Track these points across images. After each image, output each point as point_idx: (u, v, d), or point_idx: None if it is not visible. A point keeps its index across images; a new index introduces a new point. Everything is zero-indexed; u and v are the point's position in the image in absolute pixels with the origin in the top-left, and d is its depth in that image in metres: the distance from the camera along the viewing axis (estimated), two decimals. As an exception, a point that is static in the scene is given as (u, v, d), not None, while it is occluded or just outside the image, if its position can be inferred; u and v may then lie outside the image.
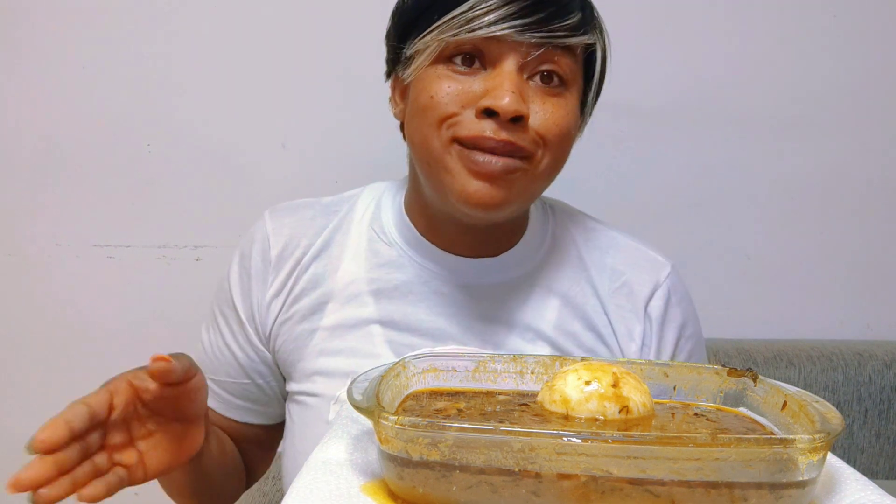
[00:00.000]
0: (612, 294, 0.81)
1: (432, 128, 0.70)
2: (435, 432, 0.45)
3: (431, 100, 0.70)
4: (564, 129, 0.71)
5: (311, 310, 0.80)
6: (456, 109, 0.69)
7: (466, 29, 0.68)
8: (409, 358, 0.60)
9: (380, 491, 0.48)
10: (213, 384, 0.85)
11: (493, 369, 0.62)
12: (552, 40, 0.68)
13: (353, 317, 0.79)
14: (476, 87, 0.69)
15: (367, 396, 0.50)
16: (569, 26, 0.69)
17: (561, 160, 0.74)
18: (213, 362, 0.85)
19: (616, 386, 0.53)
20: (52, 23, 1.20)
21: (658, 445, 0.44)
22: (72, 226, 1.25)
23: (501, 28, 0.67)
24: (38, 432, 0.55)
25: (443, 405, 0.57)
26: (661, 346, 0.82)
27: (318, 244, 0.82)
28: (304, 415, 0.80)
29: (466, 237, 0.79)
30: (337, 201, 0.86)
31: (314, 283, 0.81)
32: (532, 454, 0.44)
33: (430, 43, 0.70)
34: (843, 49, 1.22)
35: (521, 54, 0.69)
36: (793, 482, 0.44)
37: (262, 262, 0.82)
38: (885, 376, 1.17)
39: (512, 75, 0.68)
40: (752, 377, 0.58)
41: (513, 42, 0.68)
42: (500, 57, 0.69)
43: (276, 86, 1.21)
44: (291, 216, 0.84)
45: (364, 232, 0.82)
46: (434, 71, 0.70)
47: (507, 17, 0.67)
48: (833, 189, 1.26)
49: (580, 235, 0.85)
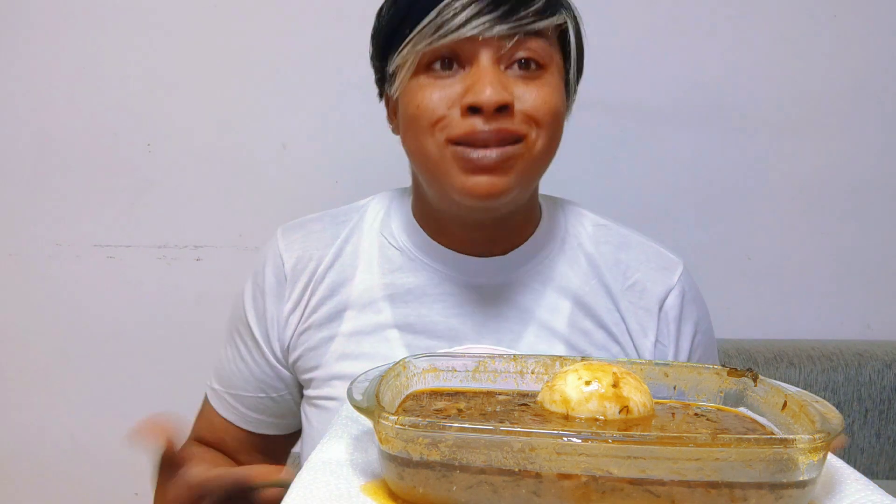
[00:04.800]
0: (624, 292, 0.82)
1: (425, 134, 0.72)
2: (435, 432, 0.45)
3: (418, 109, 0.72)
4: (552, 106, 0.73)
5: (330, 317, 0.81)
6: (443, 112, 0.71)
7: (438, 36, 0.70)
8: (409, 358, 0.60)
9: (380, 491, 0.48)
10: (230, 398, 0.88)
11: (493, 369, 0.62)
12: (521, 28, 0.70)
13: (370, 323, 0.80)
14: (457, 87, 0.71)
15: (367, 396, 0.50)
16: (536, 10, 0.71)
17: (555, 138, 0.75)
18: (231, 377, 0.88)
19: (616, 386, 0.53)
20: (52, 23, 1.20)
21: (658, 445, 0.44)
22: (72, 226, 1.25)
23: (471, 28, 0.69)
24: None
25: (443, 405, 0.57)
26: (679, 344, 0.82)
27: (331, 254, 0.83)
28: (323, 418, 0.81)
29: (475, 236, 0.80)
30: (346, 211, 0.87)
31: (331, 292, 0.82)
32: (532, 454, 0.44)
33: (407, 56, 0.72)
34: (843, 49, 1.22)
35: (495, 48, 0.71)
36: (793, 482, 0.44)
37: (276, 279, 0.84)
38: (885, 376, 1.17)
39: (489, 69, 0.70)
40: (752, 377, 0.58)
41: (484, 39, 0.70)
42: (474, 55, 0.71)
43: (277, 86, 1.21)
44: (300, 231, 0.85)
45: (375, 239, 0.83)
46: (416, 82, 0.73)
47: (475, 15, 0.69)
48: (833, 189, 1.26)
49: (591, 233, 0.85)
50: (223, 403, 0.89)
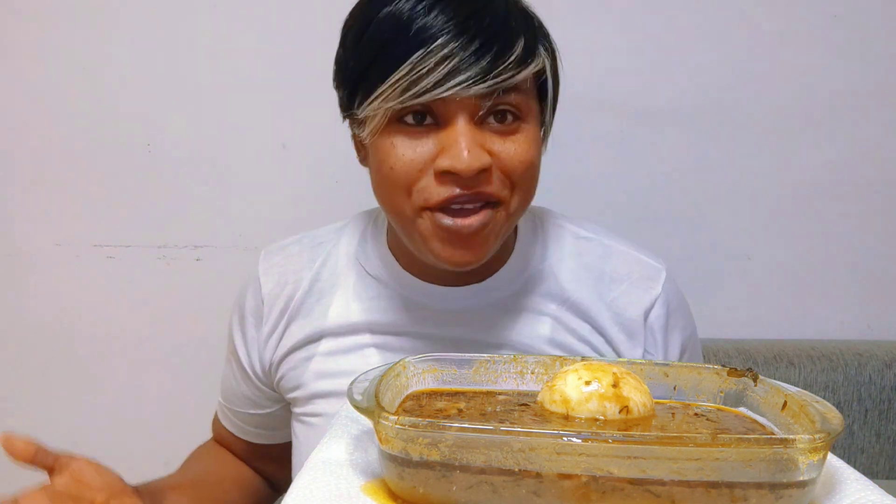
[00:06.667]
0: (608, 305, 0.81)
1: (400, 196, 0.69)
2: (435, 432, 0.45)
3: (392, 171, 0.68)
4: (529, 162, 0.70)
5: (308, 339, 0.82)
6: (416, 176, 0.68)
7: (411, 95, 0.64)
8: (409, 358, 0.60)
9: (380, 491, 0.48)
10: (229, 412, 0.93)
11: (493, 369, 0.62)
12: (500, 85, 0.65)
13: (347, 344, 0.81)
14: (430, 146, 0.67)
15: (367, 396, 0.50)
16: (515, 61, 0.65)
17: (532, 191, 0.73)
18: (228, 393, 0.93)
19: (616, 386, 0.53)
20: (52, 23, 1.20)
21: (658, 445, 0.44)
22: (72, 226, 1.25)
23: (446, 89, 0.64)
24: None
25: (443, 405, 0.57)
26: (668, 352, 0.83)
27: (308, 279, 0.83)
28: (309, 433, 0.82)
29: (450, 272, 0.77)
30: (323, 234, 0.87)
31: (308, 316, 0.83)
32: (532, 454, 0.44)
33: (377, 110, 0.67)
34: (843, 49, 1.22)
35: (472, 108, 0.66)
36: (793, 482, 0.44)
37: (255, 302, 0.85)
38: (885, 376, 1.17)
39: (465, 130, 0.66)
40: (752, 377, 0.58)
41: (461, 100, 0.65)
42: (449, 116, 0.66)
43: (277, 86, 1.21)
44: (279, 255, 0.86)
45: (352, 266, 0.83)
46: (388, 139, 0.68)
47: (450, 73, 0.63)
48: (833, 189, 1.26)
49: (572, 247, 0.83)
50: (226, 416, 0.94)
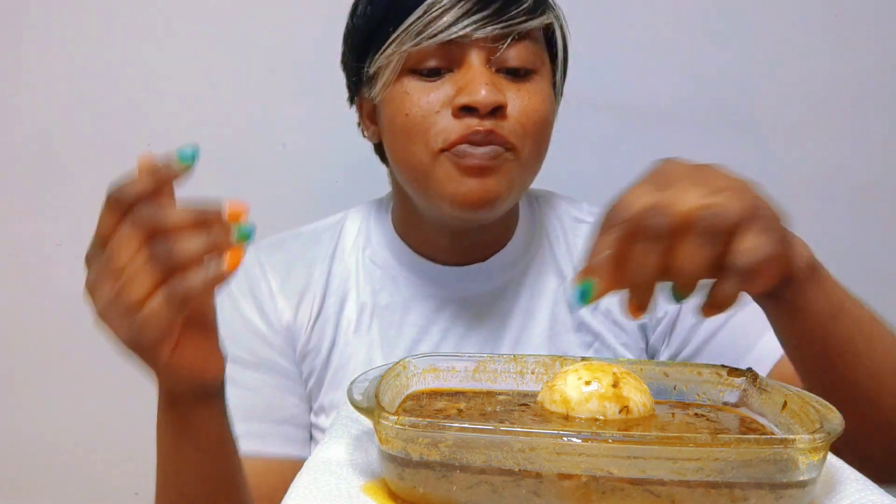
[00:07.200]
0: None
1: (416, 143, 0.70)
2: (435, 432, 0.45)
3: (407, 118, 0.69)
4: (543, 114, 0.72)
5: (328, 346, 0.80)
6: (433, 118, 0.69)
7: (426, 36, 0.67)
8: (409, 358, 0.60)
9: (380, 491, 0.48)
10: (278, 429, 0.80)
11: (493, 369, 0.62)
12: (512, 28, 0.68)
13: (359, 346, 0.80)
14: (447, 89, 0.69)
15: (367, 396, 0.50)
16: (525, 10, 0.69)
17: (544, 146, 0.74)
18: (260, 410, 0.80)
19: (616, 386, 0.53)
20: (52, 23, 1.20)
21: (658, 445, 0.44)
22: (72, 226, 1.25)
23: (460, 28, 0.67)
24: None
25: (443, 405, 0.57)
26: None
27: (318, 276, 0.81)
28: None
29: (457, 244, 0.79)
30: (319, 230, 0.85)
31: (324, 319, 0.80)
32: (532, 454, 0.44)
33: (391, 57, 0.69)
34: (843, 49, 1.22)
35: (486, 49, 0.69)
36: (793, 482, 0.44)
37: (269, 293, 0.81)
38: (885, 376, 1.16)
39: (482, 69, 0.69)
40: (751, 377, 0.58)
41: (475, 40, 0.68)
42: (464, 56, 0.69)
43: (277, 86, 1.21)
44: (280, 251, 0.83)
45: (359, 258, 0.82)
46: (401, 87, 0.70)
47: (463, 15, 0.67)
48: (834, 189, 1.25)
49: (569, 231, 0.84)
50: (274, 440, 0.85)
